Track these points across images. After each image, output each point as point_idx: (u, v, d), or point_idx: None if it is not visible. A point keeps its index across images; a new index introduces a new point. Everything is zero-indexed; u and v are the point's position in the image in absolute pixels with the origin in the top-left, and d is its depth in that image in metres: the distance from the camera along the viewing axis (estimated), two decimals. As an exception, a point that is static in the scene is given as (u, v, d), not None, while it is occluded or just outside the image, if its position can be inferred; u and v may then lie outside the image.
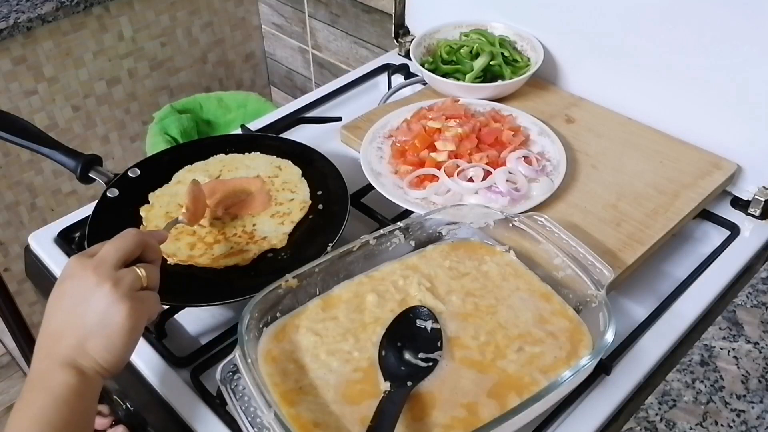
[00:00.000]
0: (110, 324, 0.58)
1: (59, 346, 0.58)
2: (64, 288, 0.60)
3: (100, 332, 0.58)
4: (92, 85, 1.61)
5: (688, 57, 0.88)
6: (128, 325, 0.58)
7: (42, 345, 0.59)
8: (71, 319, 0.59)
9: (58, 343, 0.58)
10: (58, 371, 0.57)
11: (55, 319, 0.60)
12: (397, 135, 0.93)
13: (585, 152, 0.92)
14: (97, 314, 0.58)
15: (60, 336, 0.59)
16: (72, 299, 0.59)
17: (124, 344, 0.58)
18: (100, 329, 0.58)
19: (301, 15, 1.69)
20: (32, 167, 1.58)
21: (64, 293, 0.60)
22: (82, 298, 0.58)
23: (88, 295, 0.58)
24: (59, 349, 0.58)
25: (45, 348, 0.59)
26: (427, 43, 1.09)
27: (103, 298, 0.58)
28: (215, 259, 0.79)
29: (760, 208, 0.87)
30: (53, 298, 0.61)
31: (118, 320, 0.58)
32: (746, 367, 0.66)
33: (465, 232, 0.78)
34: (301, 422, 0.59)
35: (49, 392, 0.55)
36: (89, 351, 0.58)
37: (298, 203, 0.86)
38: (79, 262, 0.61)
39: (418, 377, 0.63)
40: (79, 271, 0.60)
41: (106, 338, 0.58)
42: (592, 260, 0.69)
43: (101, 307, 0.58)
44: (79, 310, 0.58)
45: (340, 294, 0.71)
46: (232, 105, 1.64)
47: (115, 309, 0.58)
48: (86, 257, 0.61)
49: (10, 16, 1.39)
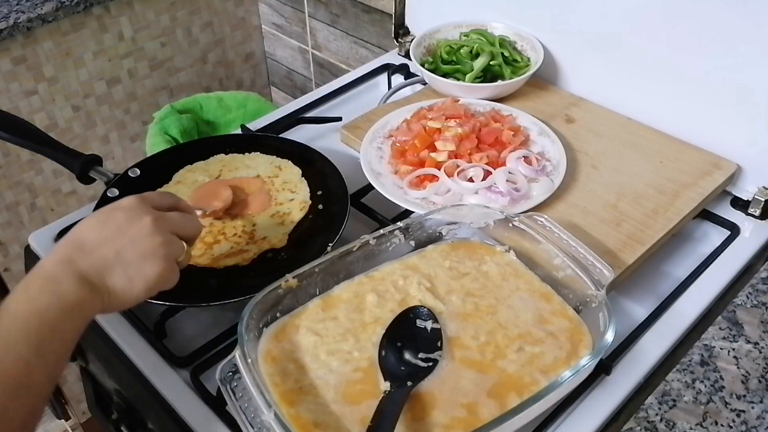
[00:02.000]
0: (140, 270, 0.59)
1: (83, 260, 0.58)
2: (115, 216, 0.61)
3: (127, 271, 0.59)
4: (92, 85, 1.61)
5: (688, 57, 0.88)
6: (152, 282, 0.60)
7: (64, 250, 0.59)
8: (108, 244, 0.59)
9: (83, 256, 0.58)
10: (73, 281, 0.56)
11: (90, 235, 0.60)
12: (397, 135, 0.93)
13: (585, 152, 0.92)
14: (136, 256, 0.59)
15: (89, 251, 0.59)
16: (118, 229, 0.60)
17: (137, 294, 0.60)
18: (129, 268, 0.59)
19: (301, 15, 1.69)
20: (32, 167, 1.58)
21: (113, 220, 0.61)
22: (130, 235, 0.60)
23: (137, 236, 0.60)
24: (83, 262, 0.58)
25: (67, 254, 0.58)
26: (427, 43, 1.09)
27: (150, 248, 0.60)
28: (215, 259, 0.79)
29: (760, 208, 0.87)
30: (96, 219, 0.61)
31: (148, 272, 0.60)
32: (746, 367, 0.66)
33: (465, 232, 0.78)
34: (301, 422, 0.59)
35: (58, 296, 0.55)
36: (107, 280, 0.58)
37: (298, 203, 0.86)
38: (142, 205, 0.63)
39: (418, 377, 0.63)
40: (139, 211, 0.62)
41: (129, 279, 0.59)
42: (592, 260, 0.69)
43: (143, 253, 0.60)
44: (121, 241, 0.59)
45: (340, 294, 0.71)
46: (232, 105, 1.63)
47: (154, 262, 0.60)
48: (150, 204, 0.63)
49: (10, 16, 1.39)
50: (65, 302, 0.55)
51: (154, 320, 0.77)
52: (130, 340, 0.76)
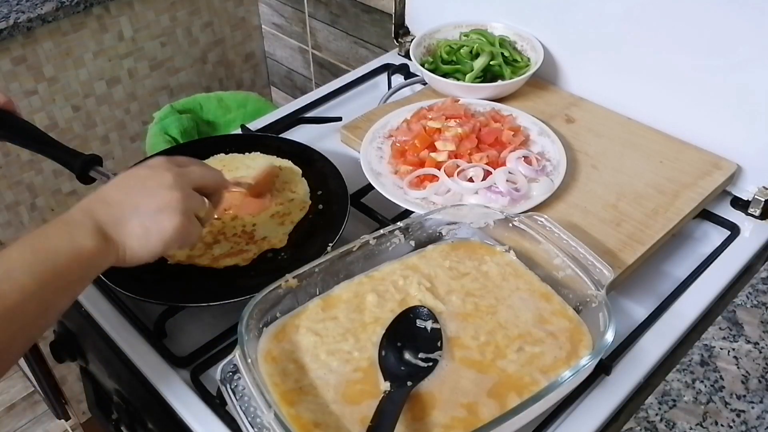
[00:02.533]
0: (157, 222, 0.61)
1: (103, 211, 0.60)
2: (139, 172, 0.64)
3: (143, 222, 0.60)
4: (92, 85, 1.61)
5: (688, 57, 0.88)
6: (168, 235, 0.61)
7: (88, 201, 0.61)
8: (128, 197, 0.61)
9: (103, 208, 0.60)
10: (90, 230, 0.58)
11: (114, 189, 0.62)
12: (397, 135, 0.93)
13: (585, 152, 0.92)
14: (153, 208, 0.61)
15: (109, 204, 0.61)
16: (140, 184, 0.62)
17: (153, 247, 0.61)
18: (145, 220, 0.60)
19: (301, 15, 1.69)
20: (32, 167, 1.58)
21: (136, 175, 0.63)
22: (149, 188, 0.62)
23: (156, 189, 0.61)
24: (101, 212, 0.60)
25: (90, 205, 0.60)
26: (427, 43, 1.09)
27: (167, 200, 0.61)
28: (215, 259, 0.79)
29: (760, 208, 0.87)
30: (123, 175, 0.64)
31: (165, 225, 0.61)
32: (746, 367, 0.66)
33: (465, 232, 0.78)
34: (301, 422, 0.59)
35: (72, 241, 0.56)
36: (123, 231, 0.60)
37: (298, 203, 0.86)
38: (166, 162, 0.65)
39: (418, 377, 0.63)
40: (161, 168, 0.64)
41: (144, 230, 0.60)
42: (592, 260, 0.69)
43: (160, 205, 0.61)
44: (140, 194, 0.61)
45: (340, 294, 0.71)
46: (232, 105, 1.63)
47: (170, 215, 0.61)
48: (174, 163, 0.65)
49: (10, 16, 1.39)
50: (77, 249, 0.56)
51: (154, 320, 0.77)
52: (130, 340, 0.76)
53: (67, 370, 1.73)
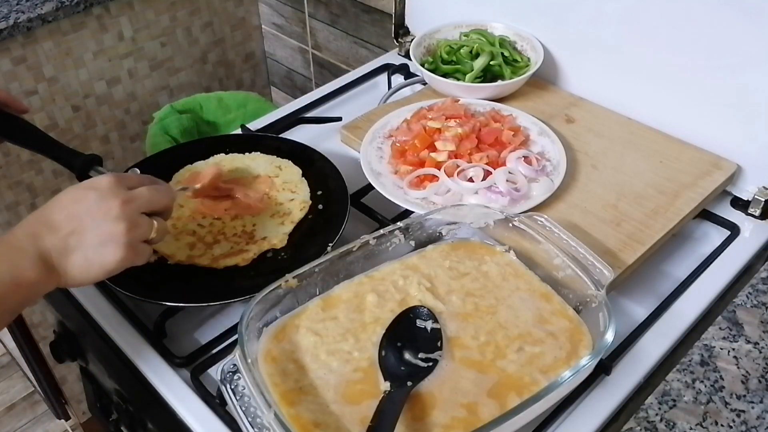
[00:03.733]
0: (99, 255, 0.60)
1: (48, 238, 0.59)
2: (87, 196, 0.62)
3: (86, 253, 0.60)
4: (92, 85, 1.61)
5: (688, 57, 0.88)
6: (110, 267, 0.61)
7: (31, 224, 0.60)
8: (74, 224, 0.60)
9: (48, 234, 0.59)
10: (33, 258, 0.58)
11: (60, 212, 0.61)
12: (397, 135, 0.93)
13: (585, 152, 0.92)
14: (96, 238, 0.60)
15: (55, 230, 0.60)
16: (86, 210, 0.61)
17: (94, 276, 0.61)
18: (88, 251, 0.60)
19: (301, 15, 1.69)
20: (32, 167, 1.58)
21: (83, 199, 0.61)
22: (94, 216, 0.60)
23: (101, 218, 0.60)
24: (47, 240, 0.59)
25: (34, 229, 0.59)
26: (427, 43, 1.09)
27: (110, 232, 0.60)
28: (215, 259, 0.79)
29: (760, 208, 0.87)
30: (70, 196, 0.62)
31: (107, 258, 0.61)
32: (746, 367, 0.66)
33: (465, 232, 0.78)
34: (301, 422, 0.59)
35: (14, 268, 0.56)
36: (67, 261, 0.60)
37: (298, 203, 0.86)
38: (114, 186, 0.62)
39: (418, 377, 0.63)
40: (109, 194, 0.62)
41: (87, 261, 0.60)
42: (592, 260, 0.69)
43: (103, 237, 0.60)
44: (86, 222, 0.60)
45: (340, 294, 0.71)
46: (232, 105, 1.63)
47: (113, 248, 0.60)
48: (123, 187, 0.63)
49: (10, 16, 1.39)
50: (18, 278, 0.56)
51: (154, 320, 0.77)
52: (130, 340, 0.76)
53: (67, 370, 1.73)
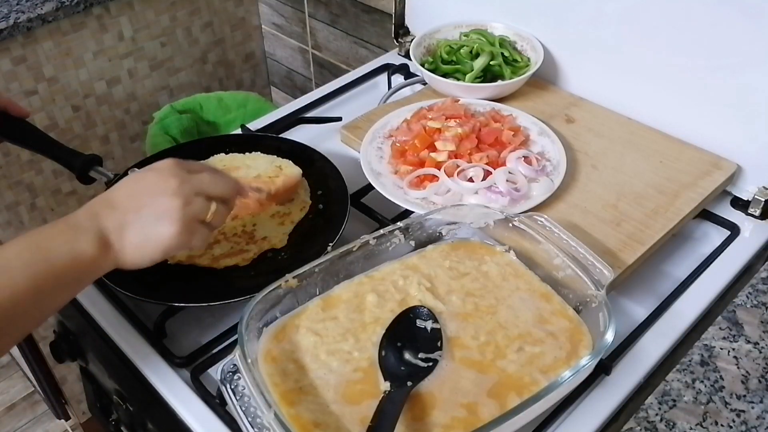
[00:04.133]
0: (154, 230, 0.61)
1: (108, 216, 0.60)
2: (147, 176, 0.63)
3: (142, 229, 0.61)
4: (92, 85, 1.61)
5: (688, 57, 0.88)
6: (165, 243, 0.62)
7: (95, 204, 0.62)
8: (132, 201, 0.61)
9: (109, 213, 0.61)
10: (92, 236, 0.59)
11: (121, 193, 0.62)
12: (397, 135, 0.93)
13: (585, 152, 0.92)
14: (152, 215, 0.61)
15: (115, 208, 0.61)
16: (145, 188, 0.62)
17: (151, 254, 0.62)
18: (145, 227, 0.61)
19: (301, 15, 1.69)
20: (32, 167, 1.58)
21: (143, 179, 0.63)
22: (153, 193, 0.62)
23: (158, 195, 0.61)
24: (106, 217, 0.60)
25: (96, 208, 0.61)
26: (427, 43, 1.09)
27: (167, 207, 0.61)
28: (215, 259, 0.79)
29: (760, 208, 0.87)
30: (131, 178, 0.64)
31: (162, 232, 0.61)
32: (746, 367, 0.66)
33: (465, 232, 0.78)
34: (301, 422, 0.59)
35: (73, 247, 0.57)
36: (124, 237, 0.60)
37: (298, 203, 0.86)
38: (174, 168, 0.64)
39: (418, 377, 0.63)
40: (168, 173, 0.63)
41: (143, 237, 0.61)
42: (592, 260, 0.69)
43: (159, 212, 0.61)
44: (143, 200, 0.61)
45: (340, 294, 0.71)
46: (232, 105, 1.63)
47: (167, 223, 0.61)
48: (184, 169, 0.64)
49: (10, 16, 1.39)
50: (77, 255, 0.57)
51: (154, 320, 0.77)
52: (130, 340, 0.76)
53: (67, 370, 1.73)
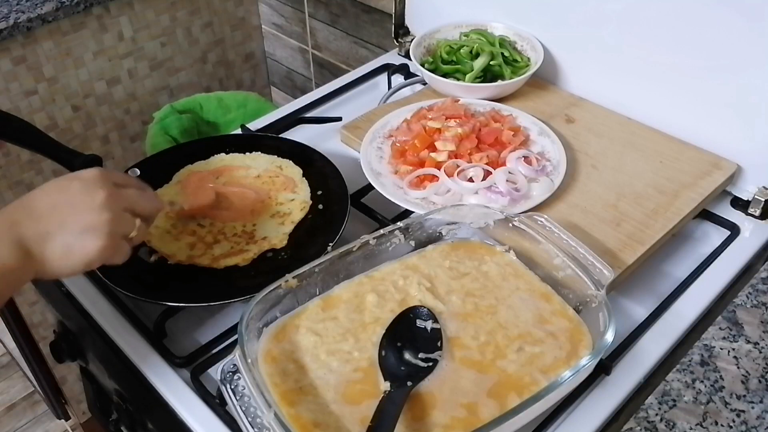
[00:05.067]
0: (81, 243, 0.59)
1: (28, 226, 0.58)
2: (72, 186, 0.61)
3: (66, 241, 0.58)
4: (92, 85, 1.61)
5: (688, 57, 0.88)
6: (90, 257, 0.60)
7: (14, 211, 0.59)
8: (55, 212, 0.59)
9: (29, 222, 0.58)
10: (11, 246, 0.56)
11: (42, 201, 0.60)
12: (397, 135, 0.93)
13: (585, 152, 0.92)
14: (78, 227, 0.59)
15: (36, 218, 0.58)
16: (69, 199, 0.60)
17: (74, 266, 0.60)
18: (69, 239, 0.59)
19: (301, 15, 1.69)
20: (32, 167, 1.58)
21: (68, 189, 0.60)
22: (78, 206, 0.59)
23: (84, 207, 0.59)
24: (27, 227, 0.58)
25: (15, 216, 0.58)
26: (427, 43, 1.09)
27: (95, 221, 0.59)
28: (215, 259, 0.79)
29: (760, 208, 0.87)
30: (53, 185, 0.61)
31: (87, 246, 0.59)
32: (746, 367, 0.66)
33: (465, 232, 0.78)
34: (301, 422, 0.59)
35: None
36: (46, 247, 0.58)
37: (298, 203, 0.86)
38: (99, 179, 0.62)
39: (418, 377, 0.63)
40: (95, 184, 0.61)
41: (67, 249, 0.59)
42: (592, 260, 0.69)
43: (87, 226, 0.59)
44: (67, 211, 0.59)
45: (340, 294, 0.71)
46: (232, 105, 1.63)
47: (95, 237, 0.59)
48: (110, 181, 0.62)
49: (10, 16, 1.39)
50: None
51: (154, 320, 0.77)
52: (130, 340, 0.76)
53: (67, 370, 1.73)
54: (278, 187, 0.89)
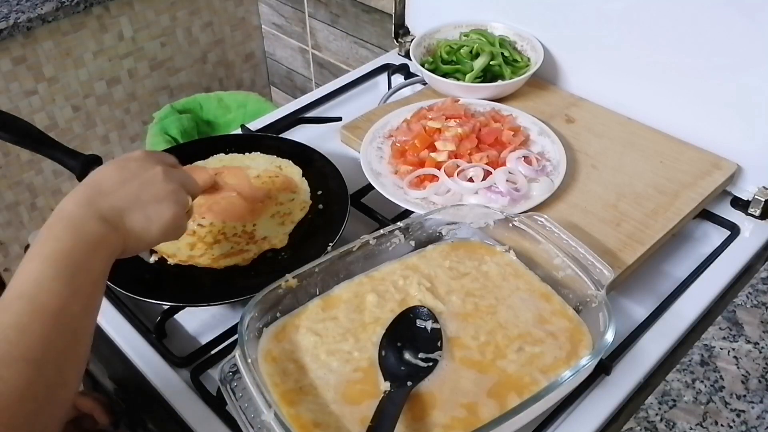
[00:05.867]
0: (158, 212, 0.62)
1: (103, 202, 0.60)
2: (128, 164, 0.64)
3: (146, 212, 0.62)
4: (92, 85, 1.61)
5: (688, 57, 0.88)
6: (168, 224, 0.63)
7: (84, 192, 0.60)
8: (125, 188, 0.62)
9: (102, 198, 0.60)
10: (95, 221, 0.58)
11: (107, 179, 0.62)
12: (397, 135, 0.93)
13: (585, 152, 0.92)
14: (152, 197, 0.62)
15: (108, 193, 0.61)
16: (133, 175, 0.63)
17: (154, 236, 0.63)
18: (149, 210, 0.62)
19: (301, 15, 1.69)
20: (32, 167, 1.58)
21: (126, 166, 0.63)
22: (144, 179, 0.63)
23: (151, 181, 0.63)
24: (102, 203, 0.60)
25: (87, 196, 0.60)
26: (427, 43, 1.09)
27: (163, 192, 0.63)
28: (215, 259, 0.79)
29: (760, 208, 0.87)
30: (112, 166, 0.63)
31: (166, 214, 0.63)
32: (746, 367, 0.66)
33: (465, 232, 0.78)
34: (301, 422, 0.59)
35: (82, 236, 0.56)
36: (127, 219, 0.61)
37: (298, 203, 0.86)
38: (152, 157, 0.66)
39: (418, 377, 0.63)
40: (149, 161, 0.65)
41: (147, 219, 0.62)
42: (592, 260, 0.69)
43: (157, 196, 0.63)
44: (137, 185, 0.62)
45: (340, 294, 0.71)
46: (232, 105, 1.64)
47: (168, 206, 0.63)
48: (158, 158, 0.66)
49: (10, 16, 1.39)
50: (89, 241, 0.57)
51: (154, 320, 0.77)
52: (130, 340, 0.76)
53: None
54: (278, 187, 0.89)
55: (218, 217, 0.84)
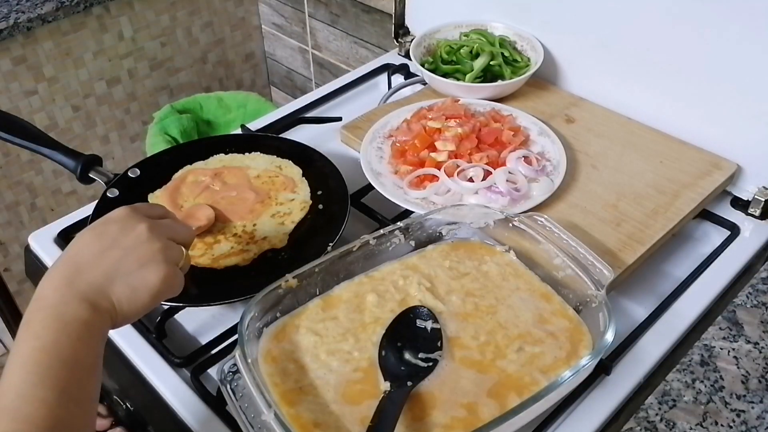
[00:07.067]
0: (144, 278, 0.58)
1: (82, 280, 0.56)
2: (108, 228, 0.59)
3: (130, 281, 0.57)
4: (92, 85, 1.61)
5: (688, 57, 0.88)
6: (158, 288, 0.58)
7: (61, 272, 0.56)
8: (104, 259, 0.57)
9: (81, 277, 0.56)
10: (75, 305, 0.54)
11: (85, 252, 0.58)
12: (397, 135, 0.93)
13: (585, 152, 0.92)
14: (135, 264, 0.58)
15: (86, 270, 0.57)
16: (113, 241, 0.58)
17: (145, 303, 0.58)
18: (132, 279, 0.57)
19: (301, 15, 1.69)
20: (32, 167, 1.58)
21: (105, 233, 0.59)
22: (125, 244, 0.58)
23: (133, 244, 0.58)
24: (81, 282, 0.56)
25: (64, 276, 0.56)
26: (427, 43, 1.09)
27: (149, 253, 0.58)
28: (215, 259, 0.79)
29: (760, 208, 0.87)
30: (90, 234, 0.59)
31: (153, 279, 0.58)
32: (746, 367, 0.66)
33: (465, 232, 0.78)
34: (301, 422, 0.59)
35: (64, 325, 0.53)
36: (111, 294, 0.56)
37: (298, 203, 0.86)
38: (134, 215, 0.61)
39: (418, 377, 0.63)
40: (131, 221, 0.60)
41: (132, 289, 0.57)
42: (592, 260, 0.69)
43: (140, 260, 0.58)
44: (117, 253, 0.58)
45: (340, 294, 0.71)
46: (232, 105, 1.64)
47: (155, 268, 0.58)
48: (141, 214, 0.62)
49: (10, 16, 1.39)
50: (72, 331, 0.53)
51: (154, 320, 0.77)
52: (130, 340, 0.76)
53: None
54: (278, 187, 0.89)
55: (218, 217, 0.84)
